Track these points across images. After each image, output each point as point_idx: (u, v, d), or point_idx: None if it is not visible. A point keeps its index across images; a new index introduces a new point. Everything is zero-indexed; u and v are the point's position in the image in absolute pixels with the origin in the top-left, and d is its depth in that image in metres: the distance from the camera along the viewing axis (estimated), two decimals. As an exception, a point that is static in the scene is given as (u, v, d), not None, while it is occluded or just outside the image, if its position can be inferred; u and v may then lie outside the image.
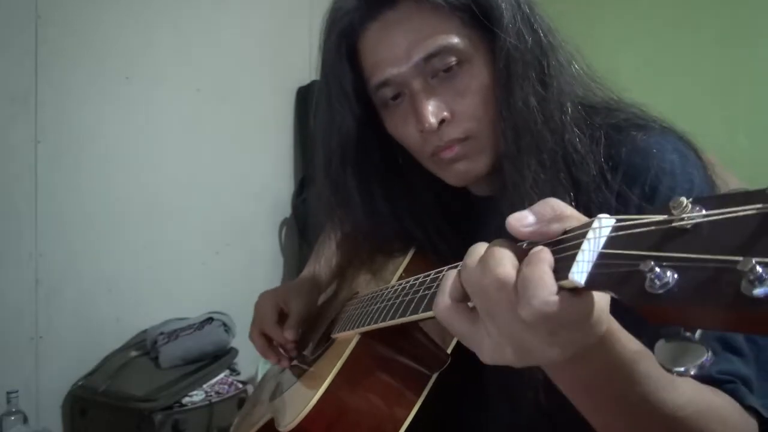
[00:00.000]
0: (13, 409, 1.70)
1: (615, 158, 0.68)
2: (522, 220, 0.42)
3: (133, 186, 2.15)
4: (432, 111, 0.70)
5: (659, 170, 0.65)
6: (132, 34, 2.13)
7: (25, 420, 1.72)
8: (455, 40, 0.70)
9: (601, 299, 0.41)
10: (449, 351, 0.72)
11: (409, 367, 0.71)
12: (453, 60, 0.70)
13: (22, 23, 1.89)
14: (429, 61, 0.70)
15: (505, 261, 0.41)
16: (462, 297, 0.45)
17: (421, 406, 0.69)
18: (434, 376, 0.70)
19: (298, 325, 0.94)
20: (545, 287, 0.38)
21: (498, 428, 0.77)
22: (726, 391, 0.56)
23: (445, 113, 0.71)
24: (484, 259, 0.43)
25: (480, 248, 0.45)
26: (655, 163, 0.66)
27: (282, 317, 0.96)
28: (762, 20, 2.39)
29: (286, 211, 2.67)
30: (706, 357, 0.33)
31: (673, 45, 2.48)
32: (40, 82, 1.92)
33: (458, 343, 0.72)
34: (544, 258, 0.40)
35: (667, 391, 0.49)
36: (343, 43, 0.75)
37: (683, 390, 0.51)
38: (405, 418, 0.68)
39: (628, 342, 0.47)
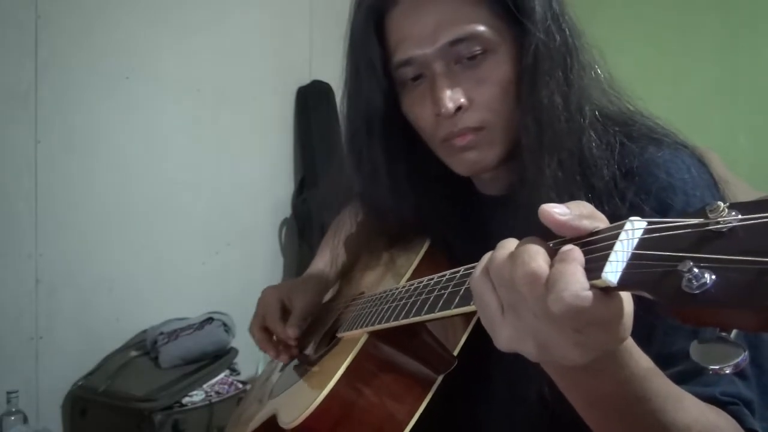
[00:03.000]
0: (13, 409, 1.70)
1: (628, 168, 0.68)
2: (555, 208, 0.42)
3: (133, 186, 2.15)
4: (450, 96, 0.70)
5: (672, 188, 0.65)
6: (132, 34, 2.13)
7: (25, 420, 1.72)
8: (483, 28, 0.70)
9: (629, 306, 0.41)
10: (456, 353, 0.72)
11: (416, 368, 0.71)
12: (478, 48, 0.70)
13: (22, 23, 1.89)
14: (455, 46, 0.70)
15: (538, 256, 0.41)
16: None
17: (426, 406, 0.69)
18: (440, 378, 0.70)
19: (300, 322, 0.93)
20: (577, 282, 0.38)
21: (503, 428, 0.77)
22: (729, 412, 0.56)
23: (463, 100, 0.70)
24: (516, 254, 0.42)
25: (510, 243, 0.45)
26: (669, 180, 0.65)
27: (285, 313, 0.95)
28: (762, 21, 2.39)
29: (286, 211, 2.67)
30: (742, 356, 0.33)
31: (674, 45, 2.48)
32: (40, 82, 1.92)
33: (465, 345, 0.72)
34: (576, 257, 0.40)
35: (675, 410, 0.49)
36: (371, 17, 0.75)
37: (690, 410, 0.51)
38: (410, 419, 0.68)
39: (640, 358, 0.48)
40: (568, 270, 0.39)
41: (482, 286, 0.45)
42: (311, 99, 2.68)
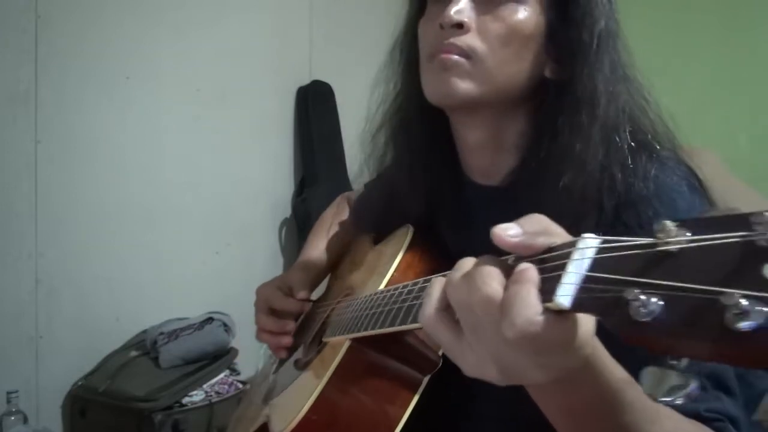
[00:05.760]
0: (13, 409, 1.70)
1: (627, 176, 0.67)
2: (508, 230, 0.42)
3: (133, 186, 2.15)
4: (457, 10, 0.69)
5: (665, 206, 0.64)
6: (132, 34, 2.13)
7: (25, 420, 1.72)
8: None
9: (587, 322, 0.41)
10: (441, 353, 0.72)
11: (401, 370, 0.71)
12: None
13: (22, 23, 1.89)
14: None
15: (490, 279, 0.41)
16: (447, 307, 0.45)
17: (413, 409, 0.69)
18: (426, 379, 0.70)
19: (306, 290, 0.96)
20: (529, 307, 0.38)
21: (492, 426, 0.77)
22: (714, 428, 0.56)
23: (467, 20, 0.69)
24: (471, 276, 0.42)
25: (467, 263, 0.44)
26: (664, 198, 0.65)
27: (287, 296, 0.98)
28: (762, 20, 2.39)
29: (286, 211, 2.67)
30: (692, 386, 0.33)
31: (673, 45, 2.48)
32: (40, 82, 1.92)
33: None
34: (529, 277, 0.39)
35: (651, 422, 0.49)
36: None
37: (665, 423, 0.51)
38: (398, 422, 0.68)
39: (615, 369, 0.47)
40: (521, 293, 0.39)
41: (431, 322, 0.46)
42: (311, 99, 2.68)
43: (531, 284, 0.39)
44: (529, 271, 0.40)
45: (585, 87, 0.68)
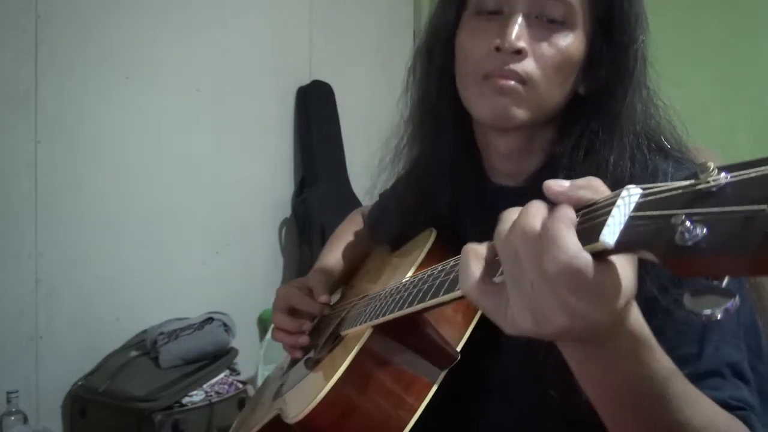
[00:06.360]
0: (13, 409, 1.71)
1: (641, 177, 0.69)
2: (558, 181, 0.45)
3: (133, 186, 2.16)
4: (519, 33, 0.69)
5: None
6: (132, 34, 2.13)
7: (25, 420, 1.72)
8: (575, 1, 0.71)
9: (627, 276, 0.42)
10: (459, 348, 0.72)
11: (420, 362, 0.72)
12: (560, 15, 0.70)
13: (22, 23, 1.89)
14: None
15: (537, 216, 0.43)
16: (485, 272, 0.48)
17: (428, 402, 0.70)
18: (443, 373, 0.71)
19: (326, 292, 0.97)
20: (574, 244, 0.40)
21: (504, 425, 0.77)
22: (738, 417, 0.57)
23: (525, 45, 0.70)
24: (517, 222, 0.44)
25: (513, 213, 0.46)
26: None
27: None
28: (762, 21, 2.39)
29: (286, 211, 2.67)
30: (732, 301, 0.34)
31: (674, 45, 2.48)
32: (40, 82, 1.93)
33: (467, 342, 0.72)
34: (566, 212, 0.42)
35: (692, 411, 0.50)
36: None
37: (705, 412, 0.52)
38: (414, 412, 0.69)
39: (662, 358, 0.48)
40: (561, 229, 0.41)
41: (472, 287, 0.48)
42: (311, 99, 2.68)
43: (568, 220, 0.41)
44: (564, 207, 0.42)
45: (624, 105, 0.71)
